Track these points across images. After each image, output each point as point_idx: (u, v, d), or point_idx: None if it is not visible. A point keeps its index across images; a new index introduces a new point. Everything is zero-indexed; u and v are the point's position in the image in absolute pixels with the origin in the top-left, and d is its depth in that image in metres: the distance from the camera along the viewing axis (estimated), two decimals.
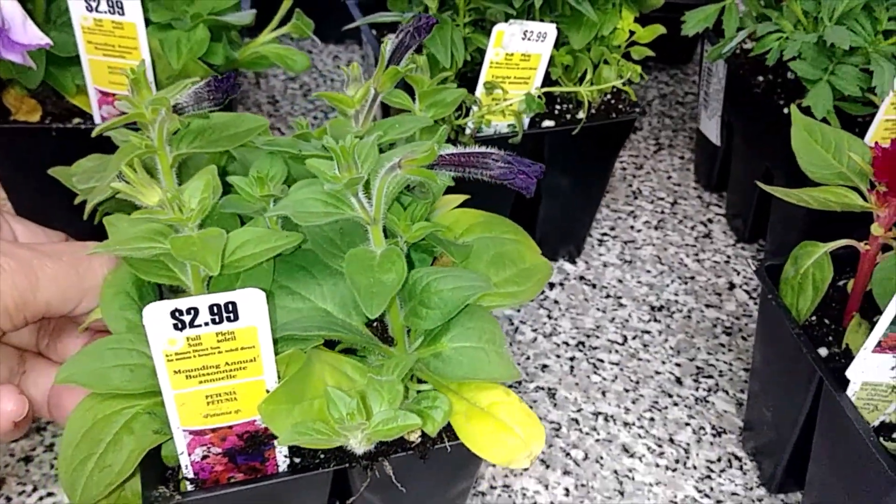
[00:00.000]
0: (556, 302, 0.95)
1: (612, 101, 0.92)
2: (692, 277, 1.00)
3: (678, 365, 0.89)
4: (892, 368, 0.61)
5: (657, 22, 0.93)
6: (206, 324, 0.46)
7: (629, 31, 0.88)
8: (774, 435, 0.76)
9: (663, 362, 0.89)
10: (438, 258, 0.62)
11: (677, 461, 0.80)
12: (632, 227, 1.06)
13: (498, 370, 0.56)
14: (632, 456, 0.80)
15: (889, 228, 0.65)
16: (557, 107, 0.91)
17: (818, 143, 0.70)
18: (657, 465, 0.80)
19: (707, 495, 0.78)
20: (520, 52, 0.81)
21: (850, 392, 0.63)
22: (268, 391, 0.50)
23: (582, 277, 0.98)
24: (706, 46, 1.02)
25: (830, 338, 0.71)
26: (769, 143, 0.94)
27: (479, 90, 0.82)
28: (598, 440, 0.81)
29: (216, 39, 0.80)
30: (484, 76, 0.81)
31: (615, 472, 0.79)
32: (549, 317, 0.93)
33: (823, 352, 0.70)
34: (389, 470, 0.55)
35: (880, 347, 0.59)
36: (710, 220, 1.08)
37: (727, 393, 0.86)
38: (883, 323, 0.58)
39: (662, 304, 0.96)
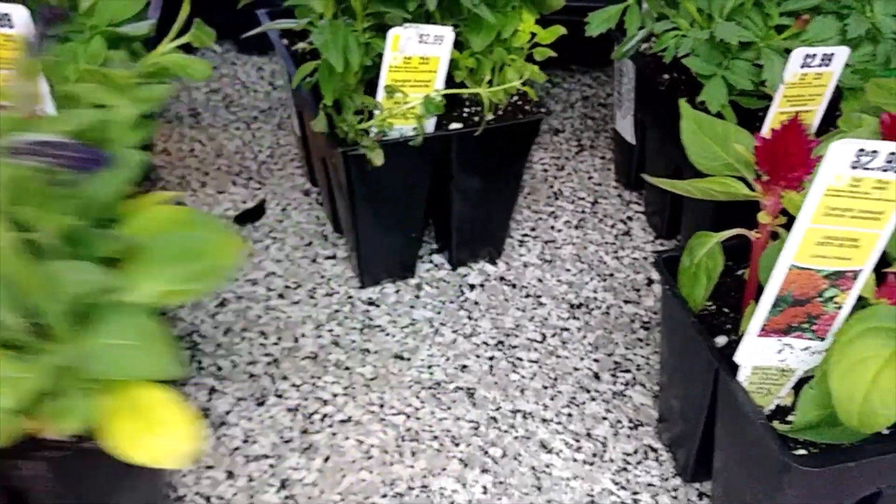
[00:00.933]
0: (476, 303, 0.95)
1: (520, 103, 0.92)
2: (611, 275, 1.00)
3: (596, 361, 0.89)
4: (780, 352, 0.62)
5: (575, 25, 0.93)
6: None
7: (531, 33, 0.89)
8: (684, 425, 0.77)
9: (581, 358, 0.89)
10: None
11: (594, 455, 0.80)
12: (552, 228, 1.06)
13: (153, 368, 0.57)
14: (549, 452, 0.80)
15: (776, 216, 0.67)
16: (466, 109, 0.91)
17: (707, 135, 0.72)
18: (574, 460, 0.80)
19: (623, 487, 0.79)
20: (418, 56, 0.81)
21: (741, 377, 0.64)
22: None
23: (502, 278, 0.99)
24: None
25: (729, 326, 0.71)
26: (676, 139, 0.95)
27: (380, 94, 0.82)
28: (516, 437, 0.81)
29: (114, 50, 0.78)
30: (383, 80, 0.82)
31: (533, 468, 0.79)
32: (470, 318, 0.93)
33: (723, 340, 0.70)
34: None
35: (765, 331, 0.61)
36: (629, 218, 1.09)
37: (644, 386, 0.87)
38: (763, 307, 0.59)
39: (581, 302, 0.96)
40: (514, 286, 0.98)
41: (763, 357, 0.61)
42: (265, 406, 0.82)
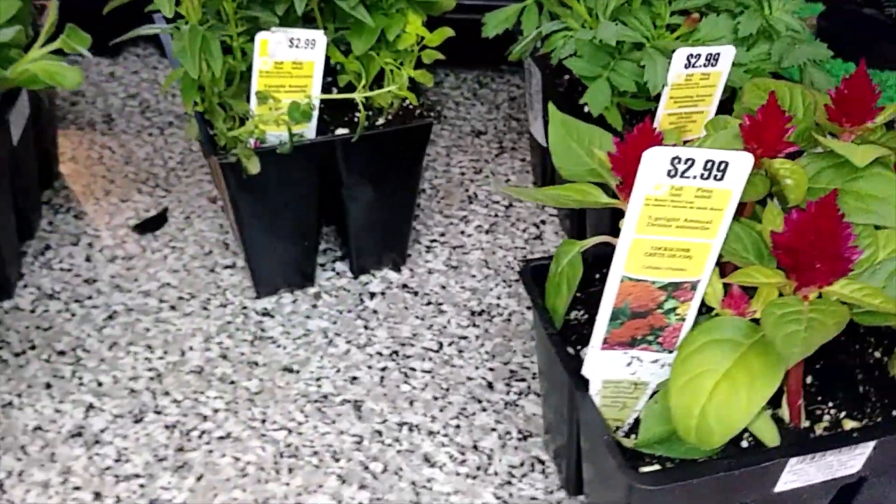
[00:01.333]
0: (374, 312, 0.93)
1: (412, 107, 0.90)
2: (517, 280, 0.97)
3: (492, 370, 0.87)
4: (629, 365, 0.60)
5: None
6: None
7: (419, 36, 0.86)
8: (560, 437, 0.74)
9: (477, 367, 0.87)
10: None
11: (479, 468, 0.78)
12: (462, 233, 1.04)
13: None
14: (432, 465, 0.78)
15: None
16: (357, 114, 0.89)
17: (573, 140, 0.69)
18: (457, 474, 0.77)
19: (506, 501, 0.76)
20: (290, 61, 0.78)
21: (593, 390, 0.62)
22: None
23: (405, 285, 0.96)
24: None
25: None
26: None
27: (252, 100, 0.80)
28: (399, 451, 0.79)
29: None
30: (254, 86, 0.79)
31: (413, 483, 0.77)
32: (366, 327, 0.91)
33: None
34: None
35: (608, 344, 0.59)
36: (542, 222, 1.06)
37: (538, 395, 0.84)
38: (601, 320, 0.57)
39: (483, 309, 0.94)
40: (415, 294, 0.95)
41: (612, 370, 0.59)
42: (142, 423, 0.80)
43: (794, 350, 0.50)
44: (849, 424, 0.62)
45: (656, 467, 0.59)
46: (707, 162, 0.49)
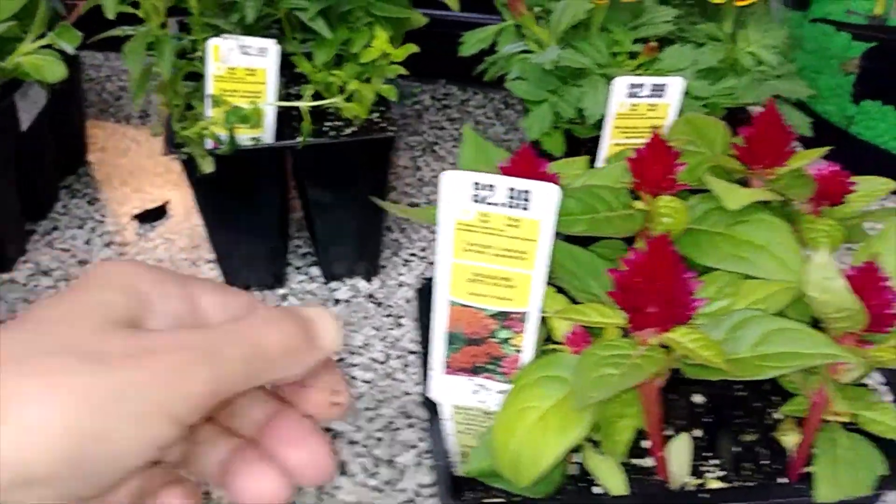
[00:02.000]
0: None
1: (377, 120, 0.90)
2: None
3: None
4: (476, 392, 0.58)
5: None
6: None
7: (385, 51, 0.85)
8: None
9: (417, 384, 0.86)
10: None
11: (387, 483, 0.77)
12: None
13: None
14: (343, 474, 0.78)
15: None
16: (328, 124, 0.90)
17: (482, 162, 0.68)
18: (364, 485, 0.79)
19: None
20: (243, 67, 0.80)
21: (445, 416, 0.61)
22: None
23: (370, 295, 0.96)
24: None
25: None
26: None
27: (207, 103, 0.82)
28: None
29: None
30: (209, 89, 0.81)
31: (319, 489, 0.78)
32: None
33: None
34: None
35: (451, 369, 0.57)
36: None
37: None
38: (436, 343, 0.56)
39: None
40: (379, 304, 0.95)
41: (460, 397, 0.58)
42: None
43: (591, 394, 0.47)
44: (715, 484, 0.58)
45: (499, 500, 0.57)
46: (509, 189, 0.47)
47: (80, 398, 0.41)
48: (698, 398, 0.64)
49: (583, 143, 0.84)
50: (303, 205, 0.92)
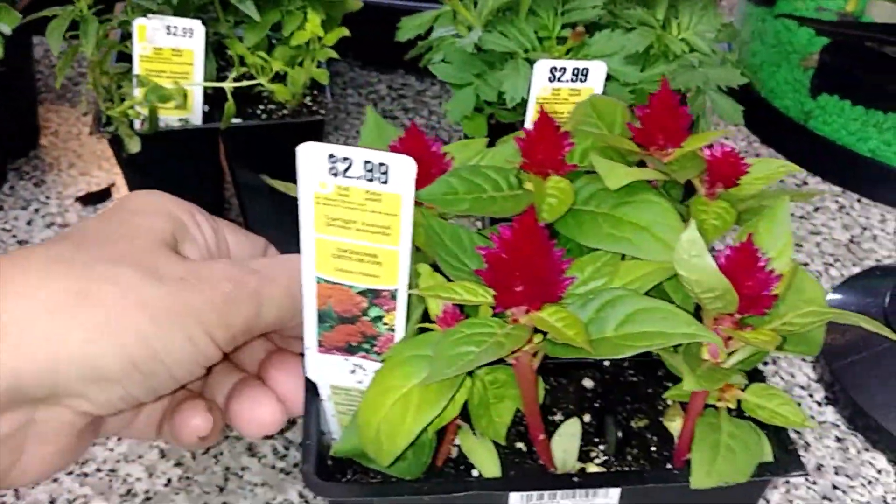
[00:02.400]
0: None
1: (311, 105, 0.89)
2: None
3: None
4: (353, 372, 0.57)
5: None
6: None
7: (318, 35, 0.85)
8: None
9: None
10: None
11: (295, 465, 0.77)
12: None
13: None
14: (252, 455, 0.77)
15: None
16: (261, 107, 0.89)
17: (383, 143, 0.67)
18: (273, 467, 0.78)
19: (308, 501, 0.76)
20: (169, 48, 0.80)
21: (323, 395, 0.60)
22: None
23: None
24: None
25: None
26: None
27: (134, 82, 0.81)
28: (228, 438, 0.79)
29: None
30: (135, 69, 0.80)
31: (227, 468, 0.76)
32: None
33: None
34: None
35: (325, 348, 0.56)
36: None
37: None
38: (308, 321, 0.55)
39: None
40: None
41: (337, 376, 0.56)
42: None
43: (444, 370, 0.46)
44: (592, 468, 0.57)
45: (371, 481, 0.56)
46: (366, 163, 0.46)
47: (145, 308, 0.44)
48: (588, 383, 0.63)
49: (506, 128, 0.83)
50: (234, 189, 0.91)
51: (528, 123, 0.76)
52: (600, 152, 0.58)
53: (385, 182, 0.47)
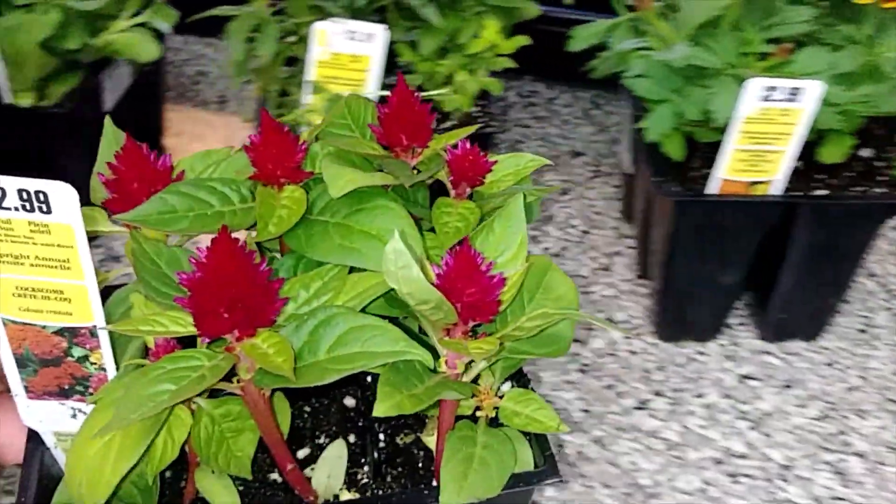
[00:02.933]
0: None
1: (477, 114, 0.84)
2: None
3: None
4: (74, 417, 0.52)
5: None
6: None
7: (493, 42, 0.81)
8: None
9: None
10: None
11: None
12: (528, 252, 0.95)
13: None
14: None
15: None
16: None
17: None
18: None
19: None
20: (347, 53, 0.76)
21: (50, 443, 0.52)
22: None
23: None
24: None
25: None
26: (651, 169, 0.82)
27: (305, 89, 0.78)
28: None
29: (70, 25, 0.79)
30: (310, 75, 0.77)
31: None
32: None
33: None
34: None
35: (35, 394, 0.50)
36: (616, 253, 0.94)
37: None
38: (9, 369, 0.49)
39: None
40: None
41: (58, 422, 0.52)
42: None
43: (130, 415, 0.42)
44: (346, 496, 0.54)
45: None
46: (20, 192, 0.42)
47: None
48: (350, 401, 0.59)
49: (701, 147, 0.77)
50: None
51: (732, 143, 0.71)
52: (337, 157, 0.54)
53: (48, 212, 0.42)
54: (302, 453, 0.55)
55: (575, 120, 1.18)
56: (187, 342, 0.47)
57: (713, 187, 0.76)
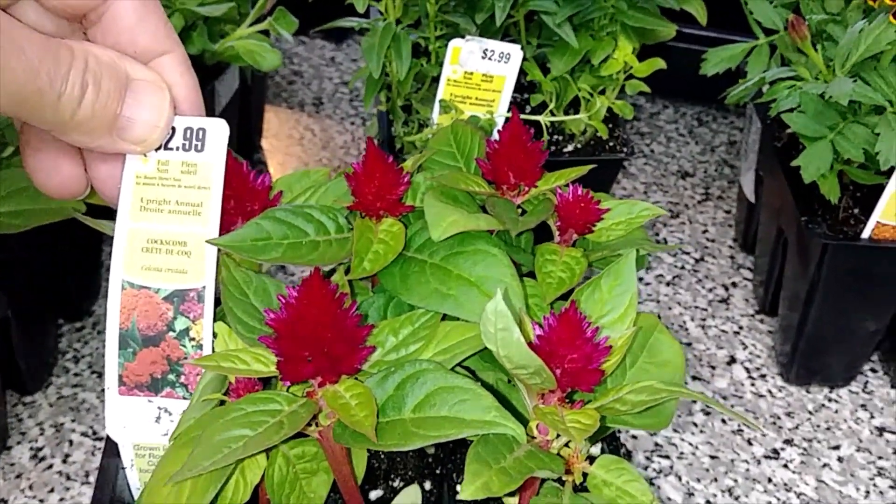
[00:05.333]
0: None
1: (605, 139, 0.78)
2: (689, 344, 0.81)
3: (634, 437, 0.75)
4: (158, 420, 0.44)
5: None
6: None
7: (627, 64, 0.75)
8: None
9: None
10: None
11: None
12: (640, 279, 0.86)
13: None
14: None
15: None
16: (548, 137, 0.80)
17: None
18: None
19: None
20: (480, 72, 0.73)
21: (127, 461, 0.46)
22: None
23: None
24: None
25: None
26: (782, 202, 0.77)
27: (435, 109, 0.74)
28: None
29: (192, 29, 0.77)
30: (440, 93, 0.73)
31: None
32: None
33: None
34: None
35: (126, 386, 0.44)
36: (734, 284, 0.86)
37: (679, 479, 0.72)
38: (110, 348, 0.44)
39: None
40: None
41: (141, 429, 0.44)
42: None
43: (202, 463, 0.38)
44: None
45: None
46: (186, 130, 0.41)
47: None
48: (430, 448, 0.55)
49: (861, 191, 0.70)
50: None
51: (891, 189, 0.66)
52: (440, 192, 0.51)
53: (200, 150, 0.41)
54: (374, 494, 0.52)
55: (679, 137, 1.10)
56: (268, 378, 0.44)
57: (867, 231, 0.69)
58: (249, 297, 0.45)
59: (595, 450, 0.51)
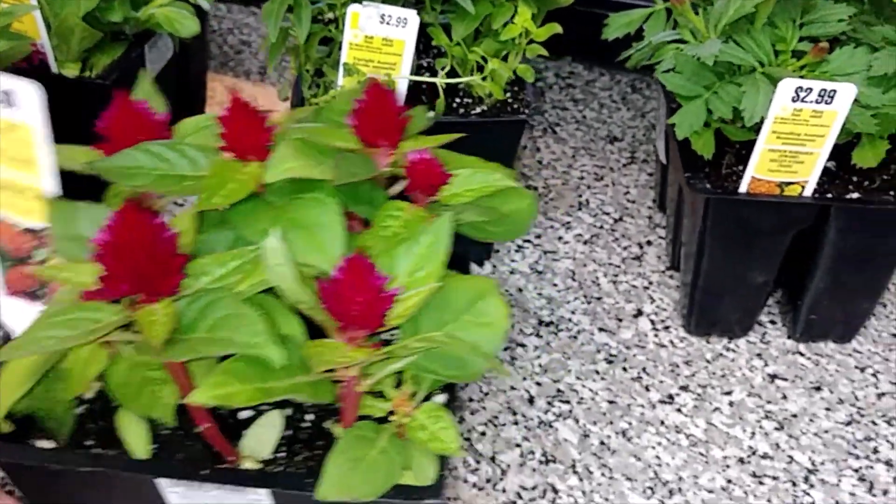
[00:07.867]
0: None
1: (511, 101, 0.78)
2: (599, 298, 0.81)
3: (538, 384, 0.75)
4: None
5: None
6: None
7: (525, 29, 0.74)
8: None
9: (524, 378, 0.75)
10: None
11: (488, 481, 0.69)
12: (559, 238, 0.86)
13: None
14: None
15: None
16: (457, 100, 0.80)
17: None
18: (465, 481, 0.64)
19: None
20: (380, 37, 0.73)
21: None
22: None
23: None
24: None
25: None
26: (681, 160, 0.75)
27: (340, 72, 0.75)
28: None
29: None
30: (343, 57, 0.74)
31: None
32: None
33: None
34: None
35: (11, 290, 0.51)
36: (648, 243, 0.86)
37: (577, 422, 0.72)
38: None
39: (553, 321, 0.80)
40: None
41: (24, 324, 0.51)
42: None
43: (16, 352, 0.43)
44: (248, 464, 0.53)
45: None
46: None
47: None
48: None
49: (734, 146, 0.70)
50: None
51: (763, 143, 0.66)
52: (304, 144, 0.52)
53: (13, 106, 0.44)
54: (244, 414, 0.55)
55: (612, 104, 1.08)
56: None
57: (744, 186, 0.69)
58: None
59: (441, 398, 0.52)
